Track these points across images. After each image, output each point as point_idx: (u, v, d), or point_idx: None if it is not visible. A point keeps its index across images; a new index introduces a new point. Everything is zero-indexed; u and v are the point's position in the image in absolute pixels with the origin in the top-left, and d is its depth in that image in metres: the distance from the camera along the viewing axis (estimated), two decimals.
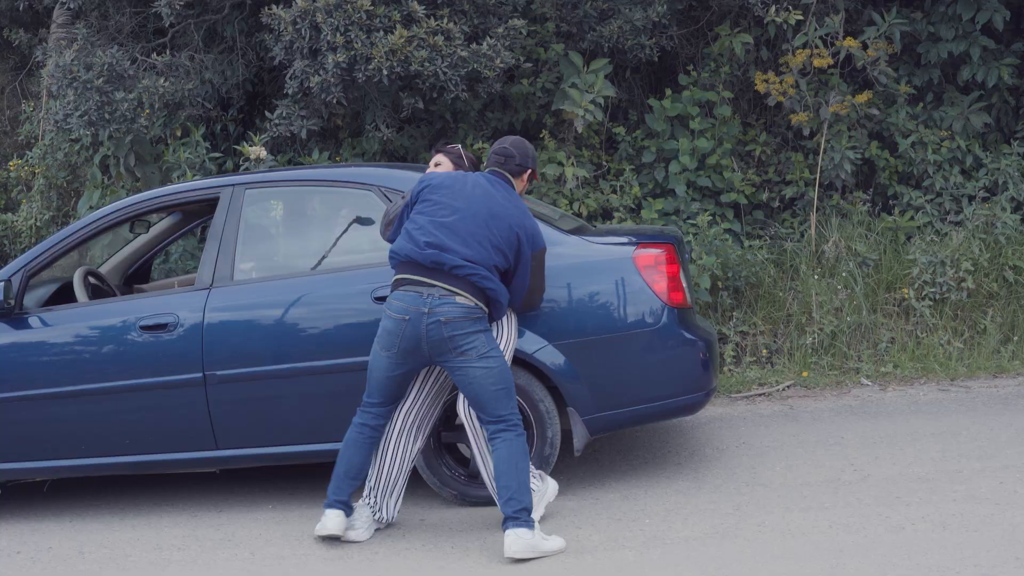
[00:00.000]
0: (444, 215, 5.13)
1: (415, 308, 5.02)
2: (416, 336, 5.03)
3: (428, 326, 5.00)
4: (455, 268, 5.03)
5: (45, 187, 9.60)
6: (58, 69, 8.33)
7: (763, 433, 6.74)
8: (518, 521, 4.97)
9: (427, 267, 5.05)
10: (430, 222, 5.12)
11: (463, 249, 5.06)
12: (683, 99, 9.05)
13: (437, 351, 5.05)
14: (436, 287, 5.03)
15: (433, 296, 5.02)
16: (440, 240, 5.06)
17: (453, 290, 5.02)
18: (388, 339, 5.10)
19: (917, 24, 9.17)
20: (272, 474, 6.46)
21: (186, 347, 5.72)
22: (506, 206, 5.22)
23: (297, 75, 8.00)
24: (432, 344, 5.03)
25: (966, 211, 8.77)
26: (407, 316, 5.03)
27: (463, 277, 5.04)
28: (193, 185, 6.31)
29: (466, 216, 5.12)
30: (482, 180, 5.30)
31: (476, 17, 8.38)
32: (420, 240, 5.08)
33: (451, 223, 5.10)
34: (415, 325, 5.01)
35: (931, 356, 7.97)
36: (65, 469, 6.00)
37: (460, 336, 5.02)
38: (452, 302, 5.02)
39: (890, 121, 9.08)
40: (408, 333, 5.03)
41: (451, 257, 5.03)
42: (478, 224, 5.12)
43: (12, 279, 5.89)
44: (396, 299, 5.10)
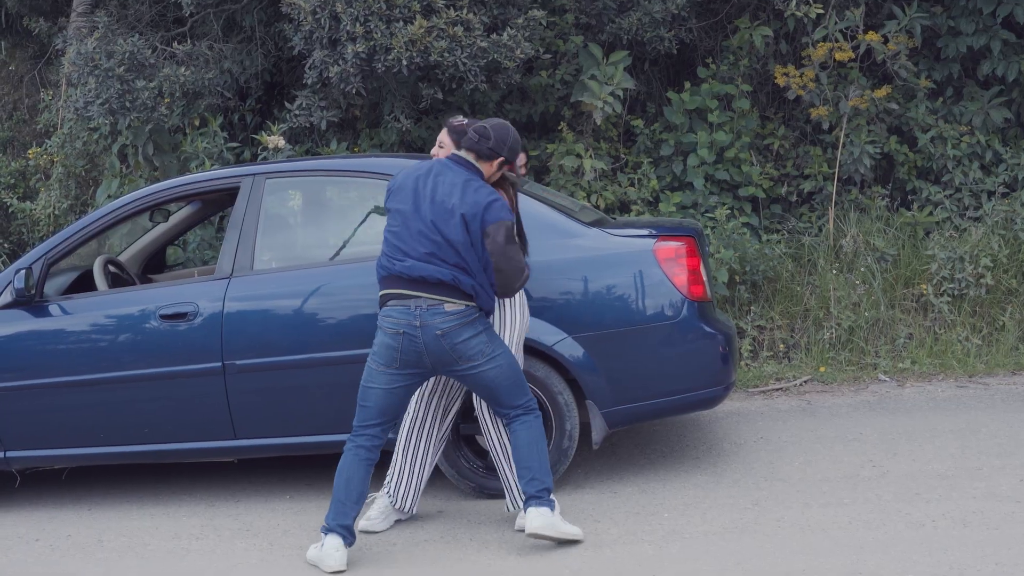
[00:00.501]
0: (399, 223, 4.98)
1: (406, 322, 4.89)
2: (415, 349, 4.90)
3: (427, 341, 4.88)
4: (428, 276, 4.88)
5: (63, 176, 9.60)
6: (79, 57, 8.34)
7: (781, 428, 6.73)
8: (540, 500, 4.97)
9: (405, 279, 4.92)
10: (392, 233, 5.00)
11: (426, 252, 4.89)
12: (702, 92, 9.02)
13: (441, 363, 4.94)
14: (421, 298, 4.89)
15: (421, 307, 4.88)
16: (405, 249, 4.93)
17: (439, 298, 4.89)
18: (388, 354, 4.95)
19: (937, 18, 9.12)
20: (290, 464, 6.47)
21: (206, 336, 5.73)
22: (450, 191, 4.95)
23: (316, 65, 7.99)
24: (434, 357, 4.92)
25: (985, 207, 8.73)
26: (401, 330, 4.90)
27: (440, 283, 4.88)
28: (214, 174, 6.31)
29: (415, 217, 4.94)
30: (436, 169, 5.06)
31: (496, 8, 8.36)
32: (390, 253, 4.98)
33: (407, 230, 4.94)
34: (411, 339, 4.89)
35: (949, 352, 7.94)
36: (84, 457, 6.02)
37: (462, 344, 4.91)
38: (441, 312, 4.88)
39: (910, 116, 9.04)
40: (407, 346, 4.90)
41: (421, 266, 4.88)
42: (427, 223, 4.92)
43: (32, 267, 5.90)
44: (386, 315, 4.96)
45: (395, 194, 5.06)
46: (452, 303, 4.90)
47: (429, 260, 4.89)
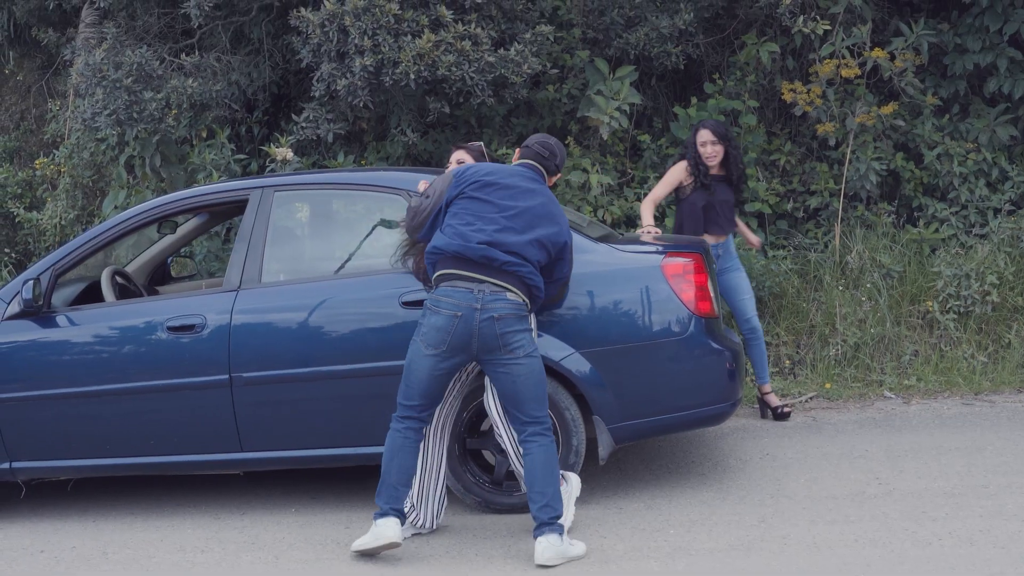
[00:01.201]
0: (492, 212, 5.10)
1: (467, 304, 4.97)
2: (468, 333, 4.97)
3: (481, 323, 4.96)
4: (506, 264, 5.01)
5: (70, 186, 9.64)
6: (87, 68, 8.36)
7: (787, 445, 6.72)
8: (552, 527, 4.98)
9: (477, 262, 5.02)
10: (479, 218, 5.08)
11: (514, 245, 5.04)
12: (708, 107, 9.03)
13: (486, 348, 5.01)
14: (486, 283, 5.00)
15: (484, 292, 4.98)
16: (492, 236, 5.03)
17: (504, 286, 5.01)
18: (437, 335, 5.00)
19: (944, 35, 9.14)
20: (296, 477, 6.46)
21: (213, 349, 5.73)
22: (548, 203, 5.23)
23: (324, 78, 8.01)
24: (483, 341, 4.99)
25: (991, 224, 8.73)
26: (459, 312, 4.97)
27: (513, 273, 5.03)
28: (222, 187, 6.32)
29: (516, 213, 5.10)
30: (524, 175, 5.28)
31: (503, 22, 8.40)
32: (470, 235, 5.04)
33: (501, 219, 5.08)
34: (467, 321, 4.96)
35: (955, 370, 7.93)
36: (89, 468, 6.01)
37: (511, 334, 5.00)
38: (504, 298, 5.00)
39: (916, 132, 9.05)
40: (460, 329, 4.97)
41: (502, 254, 5.01)
42: (526, 221, 5.10)
43: (40, 278, 5.90)
44: (445, 295, 5.02)
45: (483, 186, 5.16)
46: (515, 293, 5.04)
47: (507, 252, 5.03)
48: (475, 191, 5.16)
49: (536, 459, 5.05)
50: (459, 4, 8.06)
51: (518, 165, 5.36)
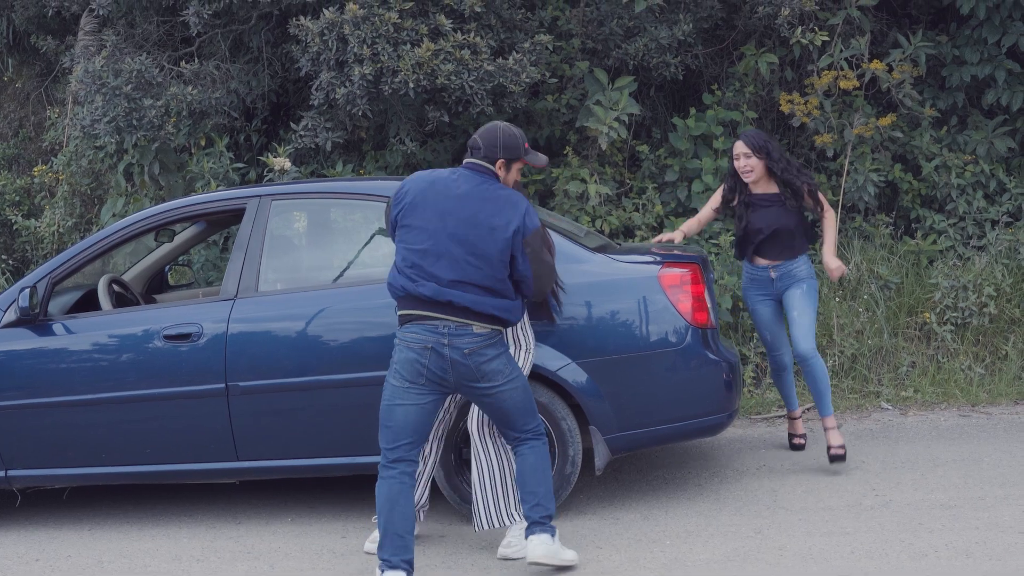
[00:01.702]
0: (422, 241, 4.83)
1: (435, 339, 4.78)
2: (440, 365, 4.79)
3: (453, 358, 4.78)
4: (454, 301, 4.77)
5: (69, 194, 9.63)
6: (87, 75, 8.36)
7: (783, 456, 6.71)
8: (544, 527, 4.98)
9: (431, 303, 4.80)
10: (413, 252, 4.83)
11: (456, 277, 4.78)
12: (707, 118, 9.04)
13: (463, 380, 4.85)
14: (445, 320, 4.78)
15: (450, 326, 4.78)
16: (431, 272, 4.79)
17: (465, 321, 4.80)
18: (412, 368, 4.80)
19: (942, 47, 9.16)
20: (291, 487, 6.46)
21: (209, 357, 5.73)
22: (481, 205, 4.86)
23: (323, 86, 8.02)
24: (458, 374, 4.82)
25: (989, 236, 8.73)
26: (429, 345, 4.78)
27: (468, 309, 4.79)
28: (220, 195, 6.33)
29: (444, 236, 4.81)
30: (454, 181, 4.93)
31: (503, 32, 8.41)
32: (411, 275, 4.83)
33: (434, 249, 4.81)
34: (438, 354, 4.78)
35: (952, 381, 7.93)
36: (85, 477, 6.01)
37: (484, 363, 4.83)
38: (469, 332, 4.80)
39: (914, 144, 9.06)
40: (433, 361, 4.78)
41: (449, 291, 4.77)
42: (459, 240, 4.80)
43: (37, 286, 5.91)
44: (411, 331, 4.82)
45: (411, 209, 4.88)
46: (479, 325, 4.83)
47: (455, 286, 4.78)
48: (404, 219, 4.90)
49: (527, 461, 5.03)
50: (458, 13, 8.07)
51: (458, 169, 5.03)
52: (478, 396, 4.95)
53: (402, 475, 4.82)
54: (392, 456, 4.83)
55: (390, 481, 4.81)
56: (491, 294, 4.83)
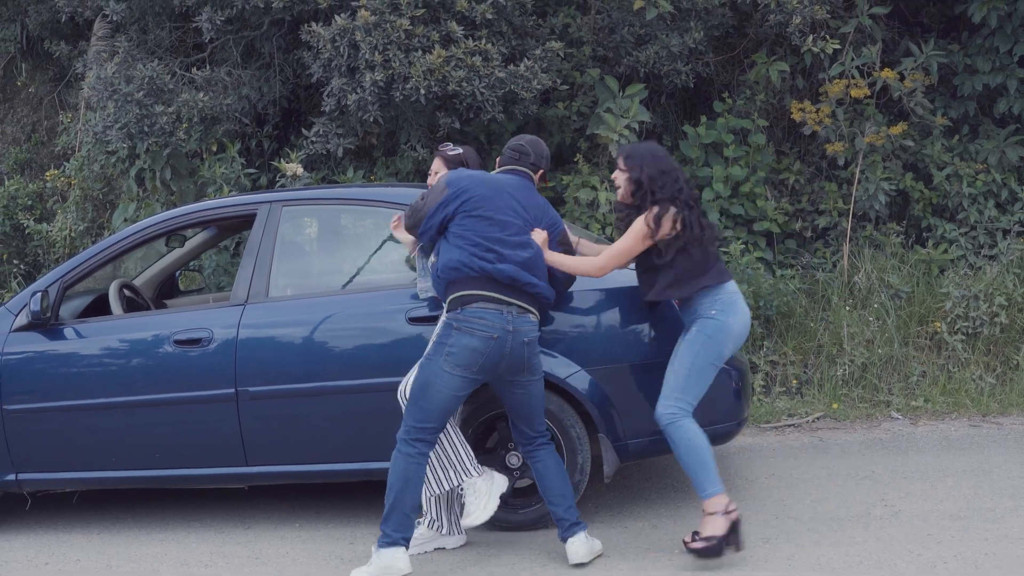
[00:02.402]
0: (498, 230, 4.99)
1: (501, 326, 4.89)
2: (500, 354, 4.89)
3: (513, 346, 4.90)
4: (527, 286, 4.96)
5: (80, 198, 9.67)
6: (99, 81, 8.40)
7: (792, 465, 6.70)
8: (579, 525, 5.13)
9: (502, 283, 4.92)
10: (488, 238, 4.96)
11: (524, 259, 4.98)
12: (718, 126, 9.04)
13: (511, 370, 4.97)
14: (512, 304, 4.93)
15: (512, 313, 4.92)
16: (503, 252, 4.94)
17: (527, 308, 4.98)
18: (470, 357, 4.87)
19: (954, 56, 9.15)
20: (300, 492, 6.46)
21: (219, 362, 5.74)
22: (540, 207, 5.20)
23: (334, 93, 8.04)
24: (511, 363, 4.94)
25: (1000, 245, 8.71)
26: (495, 335, 4.87)
27: (534, 295, 5.00)
28: (231, 201, 6.34)
29: (513, 225, 5.02)
30: (513, 184, 5.17)
31: (514, 39, 8.42)
32: (481, 254, 4.93)
33: (511, 238, 4.99)
34: (502, 344, 4.88)
35: (963, 391, 7.91)
36: (94, 481, 6.02)
37: (534, 355, 5.02)
38: (528, 320, 4.98)
39: (925, 153, 9.05)
40: (494, 351, 4.88)
41: (525, 275, 4.94)
42: (524, 233, 5.06)
43: (48, 290, 5.93)
44: (478, 316, 4.89)
45: (482, 200, 5.02)
46: (535, 314, 5.04)
47: (526, 267, 4.97)
48: (473, 207, 5.00)
49: (548, 464, 5.15)
50: (470, 20, 8.08)
51: (505, 173, 5.27)
52: (513, 387, 5.06)
53: (420, 456, 4.92)
54: (417, 435, 4.93)
55: (407, 459, 4.91)
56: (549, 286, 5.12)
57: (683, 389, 5.12)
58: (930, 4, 9.66)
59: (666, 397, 5.12)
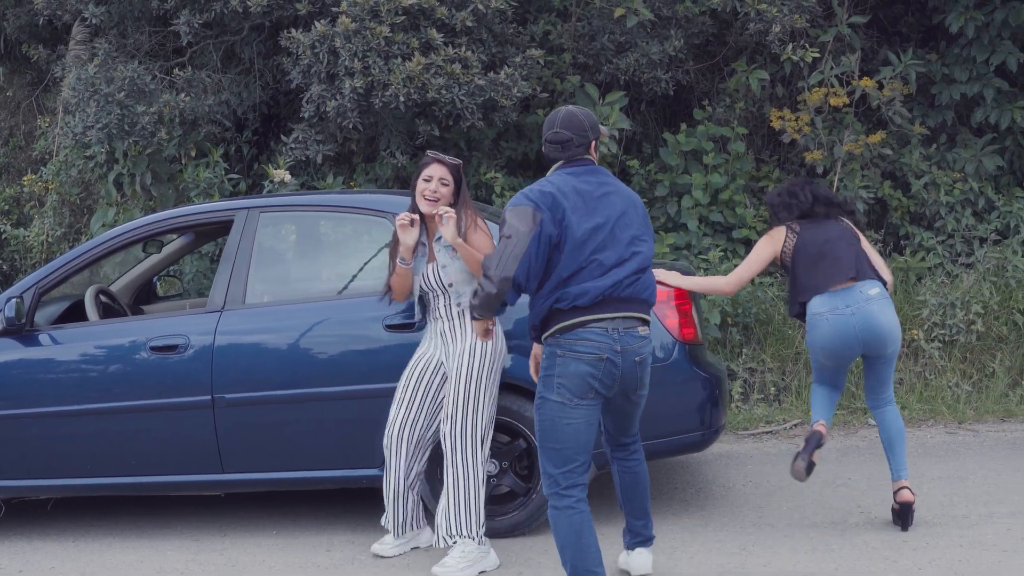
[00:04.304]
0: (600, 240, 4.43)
1: (608, 346, 4.36)
2: (614, 378, 4.41)
3: (625, 367, 4.42)
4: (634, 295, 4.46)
5: (58, 203, 9.63)
6: (80, 82, 8.36)
7: (770, 472, 6.72)
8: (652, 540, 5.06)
9: (620, 299, 4.41)
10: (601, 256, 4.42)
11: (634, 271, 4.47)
12: (697, 133, 9.07)
13: (625, 391, 4.53)
14: (617, 319, 4.40)
15: (618, 330, 4.39)
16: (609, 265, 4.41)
17: (642, 317, 4.49)
18: (583, 383, 4.36)
19: (932, 65, 9.20)
20: (277, 500, 6.44)
21: (196, 369, 5.72)
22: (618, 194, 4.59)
23: (314, 99, 8.03)
24: (625, 384, 4.49)
25: (977, 253, 8.77)
26: (604, 355, 4.36)
27: (640, 301, 4.49)
28: (209, 207, 6.32)
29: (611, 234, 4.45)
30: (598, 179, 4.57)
31: (494, 46, 8.43)
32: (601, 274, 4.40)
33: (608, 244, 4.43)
34: (613, 365, 4.39)
35: (939, 398, 7.95)
36: (70, 488, 5.97)
37: (646, 373, 4.56)
38: (636, 335, 4.45)
39: (903, 161, 9.09)
40: (607, 372, 4.38)
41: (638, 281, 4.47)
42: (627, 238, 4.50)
43: (24, 296, 5.89)
44: (584, 338, 4.36)
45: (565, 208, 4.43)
46: (644, 325, 4.52)
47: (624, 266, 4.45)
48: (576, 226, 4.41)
49: (641, 476, 4.93)
50: (450, 27, 8.09)
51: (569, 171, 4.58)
52: (624, 405, 4.66)
53: (579, 503, 4.42)
54: (568, 481, 4.43)
55: (567, 512, 4.41)
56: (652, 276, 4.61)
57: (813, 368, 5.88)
58: (908, 14, 9.72)
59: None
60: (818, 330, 5.55)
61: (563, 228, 4.40)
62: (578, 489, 4.40)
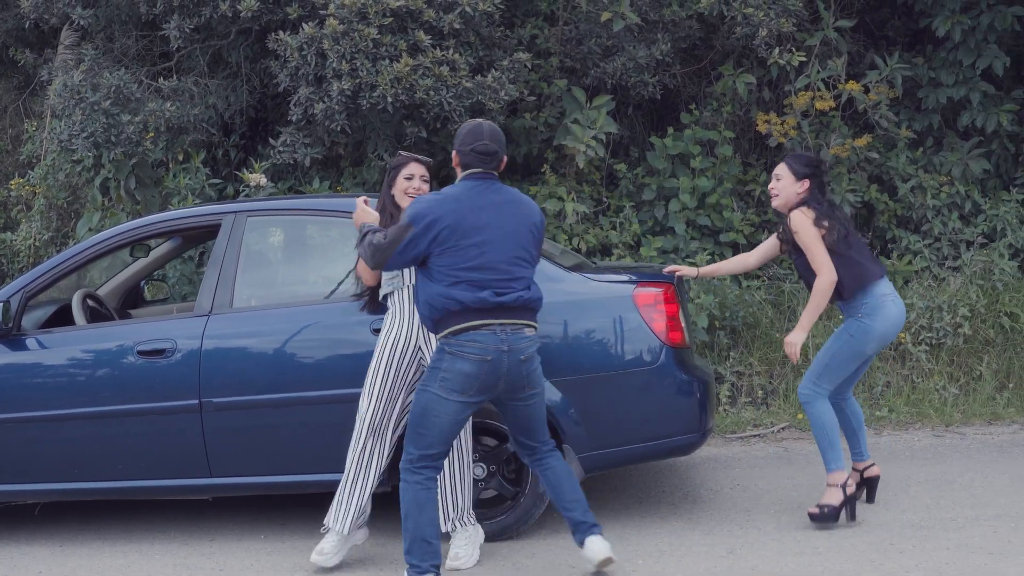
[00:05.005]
0: (476, 254, 4.75)
1: (495, 347, 4.72)
2: (496, 375, 4.75)
3: (510, 366, 4.75)
4: (516, 300, 4.78)
5: (45, 207, 9.60)
6: (66, 90, 8.34)
7: (757, 475, 6.73)
8: (597, 527, 5.10)
9: (490, 308, 4.73)
10: (471, 266, 4.74)
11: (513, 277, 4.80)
12: (684, 137, 9.09)
13: (510, 389, 4.83)
14: (505, 324, 4.76)
15: (507, 331, 4.75)
16: (491, 278, 4.75)
17: (523, 323, 4.82)
18: (464, 382, 4.72)
19: (918, 69, 9.24)
20: (265, 504, 6.43)
21: (183, 373, 5.71)
22: (517, 208, 4.92)
23: (301, 102, 8.03)
24: (509, 382, 4.80)
25: (964, 257, 8.79)
26: (488, 356, 4.71)
27: (524, 307, 4.82)
28: (195, 211, 6.32)
29: (498, 243, 4.79)
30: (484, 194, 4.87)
31: (482, 49, 8.44)
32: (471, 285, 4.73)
33: (490, 259, 4.76)
34: (496, 365, 4.73)
35: (926, 401, 7.97)
36: (57, 492, 5.97)
37: (534, 370, 4.88)
38: (523, 336, 4.80)
39: (890, 165, 9.12)
40: (488, 372, 4.73)
41: (509, 291, 4.77)
42: (511, 245, 4.82)
43: (11, 300, 5.88)
44: (471, 340, 4.71)
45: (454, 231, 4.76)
46: (532, 327, 4.88)
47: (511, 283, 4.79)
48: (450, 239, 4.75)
49: (558, 469, 5.08)
50: (437, 30, 8.09)
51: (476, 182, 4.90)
52: (515, 404, 4.95)
53: (428, 481, 4.82)
54: (423, 463, 4.83)
55: (415, 487, 4.81)
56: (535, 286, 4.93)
57: (820, 375, 5.69)
58: (895, 18, 9.76)
59: (807, 378, 5.73)
60: (885, 311, 5.61)
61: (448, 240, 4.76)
62: (429, 471, 4.82)
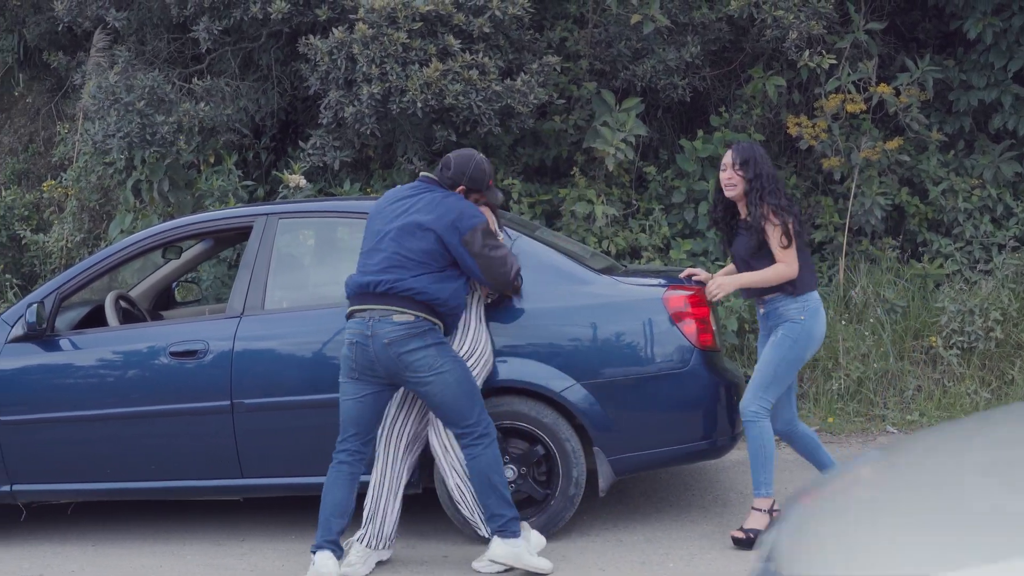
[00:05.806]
0: (368, 242, 5.30)
1: (360, 332, 5.13)
2: (368, 359, 5.12)
3: (375, 349, 5.09)
4: (378, 286, 5.13)
5: (77, 209, 9.67)
6: (100, 91, 8.41)
7: (787, 479, 6.69)
8: (504, 532, 5.16)
9: (362, 294, 5.18)
10: (363, 252, 5.30)
11: (382, 267, 5.15)
12: (714, 140, 9.06)
13: (392, 372, 5.14)
14: (371, 309, 5.13)
15: (374, 318, 5.11)
16: (367, 265, 5.21)
17: (389, 308, 5.12)
18: (345, 364, 5.21)
19: (949, 71, 9.18)
20: (296, 504, 6.45)
21: (215, 374, 5.74)
22: (421, 209, 5.24)
23: (332, 105, 8.06)
24: (385, 366, 5.12)
25: (996, 260, 8.73)
26: (355, 340, 5.13)
27: (391, 294, 5.12)
28: (228, 213, 6.36)
29: (382, 236, 5.22)
30: (404, 192, 5.42)
31: (511, 53, 8.44)
32: (358, 270, 5.28)
33: (373, 247, 5.24)
34: (364, 348, 5.11)
35: (957, 405, 7.92)
36: (90, 492, 6.02)
37: (406, 354, 5.10)
38: (390, 321, 5.10)
39: (921, 168, 9.07)
40: (360, 355, 5.13)
41: (373, 279, 5.14)
42: (391, 239, 5.19)
43: (45, 301, 5.94)
44: (347, 328, 5.23)
45: (372, 217, 5.38)
46: (401, 313, 5.11)
47: (383, 272, 5.15)
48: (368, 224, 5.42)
49: (471, 469, 5.25)
50: (467, 34, 8.10)
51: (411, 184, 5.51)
52: (412, 388, 5.25)
53: (339, 465, 5.25)
54: (337, 449, 5.28)
55: (330, 472, 5.28)
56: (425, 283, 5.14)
57: (767, 387, 5.48)
58: (926, 20, 9.71)
59: (752, 393, 5.49)
60: (821, 316, 5.60)
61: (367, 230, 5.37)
62: (345, 453, 5.24)
